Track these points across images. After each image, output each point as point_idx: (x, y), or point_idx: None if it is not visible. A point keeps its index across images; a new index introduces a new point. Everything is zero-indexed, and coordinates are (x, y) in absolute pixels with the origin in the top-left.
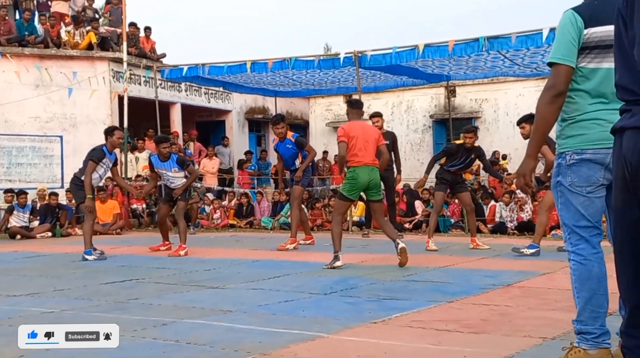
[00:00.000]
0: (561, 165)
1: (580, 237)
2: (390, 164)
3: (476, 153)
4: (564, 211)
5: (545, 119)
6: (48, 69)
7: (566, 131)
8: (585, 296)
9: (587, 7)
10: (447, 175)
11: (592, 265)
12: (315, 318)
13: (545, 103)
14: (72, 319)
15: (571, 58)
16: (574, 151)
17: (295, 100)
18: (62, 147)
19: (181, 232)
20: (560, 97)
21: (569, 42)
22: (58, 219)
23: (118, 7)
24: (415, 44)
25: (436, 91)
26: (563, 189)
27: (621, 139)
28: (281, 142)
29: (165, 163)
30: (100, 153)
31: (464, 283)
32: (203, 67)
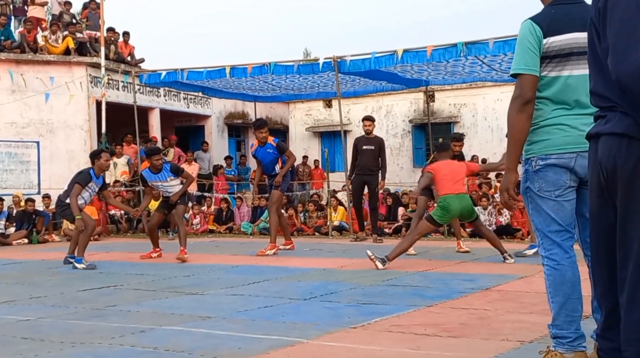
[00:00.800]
0: (528, 171)
1: (553, 242)
2: (375, 169)
3: (460, 160)
4: (535, 216)
5: (518, 128)
6: (24, 74)
7: (531, 137)
8: (559, 301)
9: (544, 16)
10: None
11: (565, 270)
12: (295, 324)
13: (515, 112)
14: (49, 327)
15: (534, 67)
16: (539, 157)
17: (275, 105)
18: (39, 153)
19: (182, 236)
20: (528, 104)
21: (530, 51)
22: (35, 226)
23: (96, 12)
24: (394, 49)
25: (415, 96)
26: (532, 195)
27: (596, 144)
28: (261, 147)
29: (159, 175)
30: (86, 176)
31: (443, 288)
32: (182, 72)
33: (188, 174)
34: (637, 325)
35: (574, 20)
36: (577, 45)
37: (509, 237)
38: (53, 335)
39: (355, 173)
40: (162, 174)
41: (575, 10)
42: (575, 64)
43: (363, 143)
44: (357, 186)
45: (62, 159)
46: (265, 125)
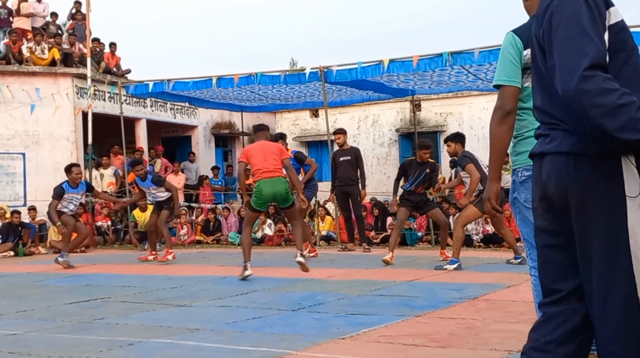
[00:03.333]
0: (515, 182)
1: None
2: (354, 179)
3: (431, 167)
4: (522, 227)
5: (499, 139)
6: (10, 86)
7: (516, 148)
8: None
9: (525, 28)
10: (410, 196)
11: None
12: (283, 336)
13: (496, 124)
14: (36, 341)
15: (516, 78)
16: (524, 168)
17: (262, 115)
18: (25, 165)
19: (166, 238)
20: (509, 116)
21: (512, 63)
22: (21, 238)
23: (82, 23)
24: (380, 59)
25: (402, 105)
26: (519, 205)
27: (541, 163)
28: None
29: (144, 182)
30: (59, 190)
31: (430, 297)
32: (168, 82)
33: (170, 184)
34: (609, 340)
35: None
36: None
37: (496, 245)
38: (40, 350)
39: (335, 185)
40: (146, 183)
41: None
42: None
43: (339, 155)
44: (340, 198)
45: (48, 170)
46: (280, 139)
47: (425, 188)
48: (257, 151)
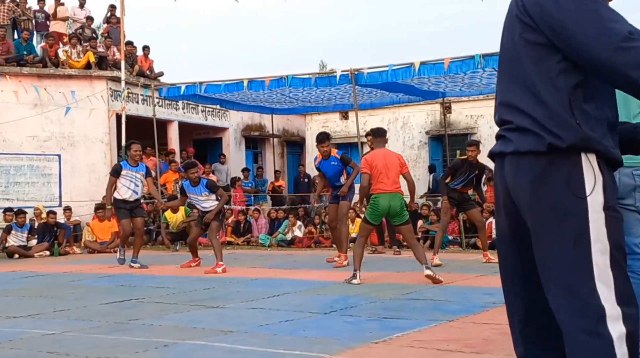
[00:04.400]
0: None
1: None
2: None
3: (480, 170)
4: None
5: None
6: (46, 89)
7: None
8: None
9: None
10: (454, 194)
11: None
12: (316, 339)
13: None
14: (74, 341)
15: None
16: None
17: (292, 117)
18: (60, 166)
19: (217, 250)
20: None
21: None
22: (56, 238)
23: (117, 26)
24: (411, 61)
25: (432, 107)
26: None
27: (502, 163)
28: (325, 160)
29: (196, 188)
30: (117, 167)
31: (463, 302)
32: (200, 85)
33: (222, 192)
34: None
35: None
36: None
37: None
38: (78, 350)
39: None
40: (198, 188)
41: None
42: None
43: None
44: None
45: (83, 171)
46: (326, 140)
47: (469, 189)
48: (379, 161)
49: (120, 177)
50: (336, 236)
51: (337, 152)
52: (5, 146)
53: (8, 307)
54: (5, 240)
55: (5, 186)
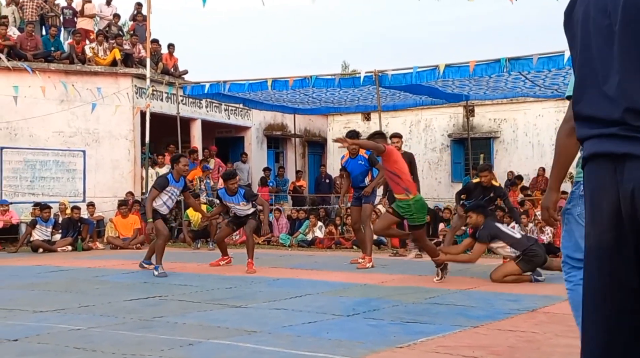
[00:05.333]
0: (574, 193)
1: (572, 266)
2: None
3: (495, 193)
4: (566, 239)
5: (566, 151)
6: (73, 85)
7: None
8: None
9: None
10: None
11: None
12: (340, 342)
13: (565, 135)
14: (100, 337)
15: None
16: None
17: (314, 117)
18: (85, 162)
19: (250, 249)
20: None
21: None
22: (80, 233)
23: (142, 24)
24: (436, 64)
25: (455, 110)
26: (570, 218)
27: (622, 166)
28: (352, 159)
29: (233, 197)
30: (163, 181)
31: (487, 308)
32: (224, 84)
33: (263, 200)
34: None
35: None
36: None
37: (551, 255)
38: (104, 346)
39: (389, 190)
40: (235, 197)
41: None
42: None
43: None
44: (392, 202)
45: (107, 167)
46: (356, 137)
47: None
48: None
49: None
50: (360, 238)
51: (365, 152)
52: (31, 141)
53: (34, 301)
54: (30, 234)
55: (31, 181)
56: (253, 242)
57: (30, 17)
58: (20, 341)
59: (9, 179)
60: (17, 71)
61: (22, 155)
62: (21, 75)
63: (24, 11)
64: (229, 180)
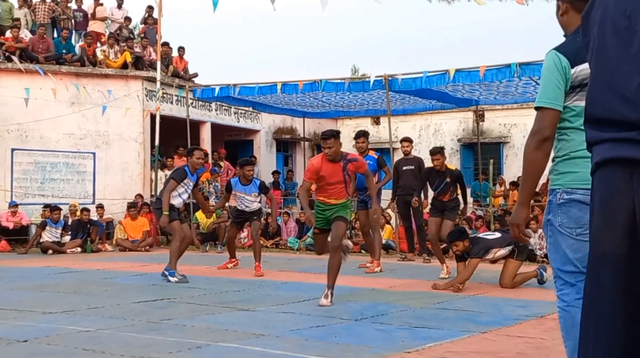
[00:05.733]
0: (552, 203)
1: (565, 282)
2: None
3: (452, 176)
4: (552, 253)
5: (534, 165)
6: (84, 87)
7: (558, 167)
8: (571, 345)
9: (570, 44)
10: (435, 203)
11: (575, 312)
12: (348, 346)
13: (533, 149)
14: (109, 339)
15: (557, 101)
16: (564, 190)
17: (323, 121)
18: (95, 164)
19: (256, 252)
20: (546, 142)
21: (555, 85)
22: (89, 235)
23: (153, 27)
24: (446, 68)
25: (464, 115)
26: (553, 229)
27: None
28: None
29: (247, 186)
30: (182, 173)
31: (495, 313)
32: (234, 87)
33: (272, 195)
34: None
35: None
36: None
37: None
38: (112, 348)
39: (397, 194)
40: (249, 187)
41: None
42: None
43: (403, 164)
44: (401, 207)
45: (116, 170)
46: (362, 136)
47: (450, 196)
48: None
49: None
50: (368, 242)
51: (375, 153)
52: (42, 143)
53: (43, 303)
54: (39, 235)
55: (41, 182)
56: (260, 245)
57: (42, 19)
58: (29, 342)
59: (20, 180)
60: (29, 73)
61: (32, 156)
62: (33, 77)
63: (36, 14)
64: (247, 166)
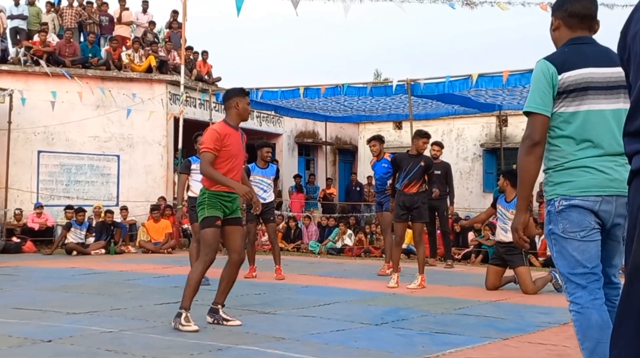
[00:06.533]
0: (551, 212)
1: (577, 285)
2: (442, 194)
3: (426, 162)
4: (560, 259)
5: (526, 169)
6: (109, 91)
7: (553, 178)
8: (589, 347)
9: (559, 54)
10: (401, 197)
11: (590, 313)
12: (368, 351)
13: (524, 154)
14: (131, 340)
15: (546, 107)
16: (562, 197)
17: (345, 125)
18: (119, 166)
19: (276, 255)
20: (537, 147)
21: (543, 91)
22: (113, 236)
23: (177, 31)
24: (469, 73)
25: (487, 120)
26: (556, 237)
27: None
28: (377, 162)
29: (265, 170)
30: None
31: (517, 320)
32: (257, 91)
33: (277, 183)
34: None
35: (587, 58)
36: (592, 80)
37: None
38: (135, 349)
39: None
40: (268, 170)
41: (588, 49)
42: (593, 99)
43: None
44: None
45: (140, 172)
46: (373, 139)
47: (419, 188)
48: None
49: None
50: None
51: (389, 156)
52: (68, 145)
53: (68, 303)
54: (64, 236)
55: (66, 184)
56: (279, 248)
57: (69, 24)
58: (53, 342)
59: (45, 182)
60: (56, 77)
61: (58, 159)
62: (59, 80)
63: (63, 18)
64: (265, 148)
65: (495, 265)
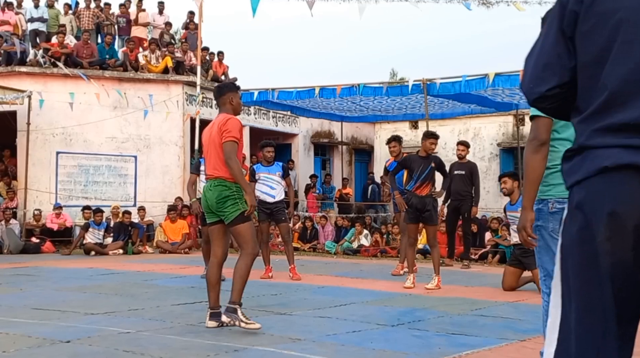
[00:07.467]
0: (543, 211)
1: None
2: (464, 194)
3: (436, 162)
4: (543, 254)
5: (533, 168)
6: (126, 92)
7: (549, 179)
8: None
9: None
10: (411, 198)
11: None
12: (384, 352)
13: (530, 153)
14: (148, 341)
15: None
16: (556, 200)
17: (361, 125)
18: (136, 167)
19: (289, 255)
20: (543, 146)
21: None
22: (130, 237)
23: (194, 32)
24: (486, 72)
25: (504, 119)
26: (544, 233)
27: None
28: (394, 162)
29: (269, 167)
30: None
31: (535, 321)
32: (273, 91)
33: (290, 181)
34: None
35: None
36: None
37: None
38: (152, 350)
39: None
40: (272, 168)
41: None
42: None
43: (455, 168)
44: (449, 211)
45: (157, 173)
46: (392, 141)
47: (430, 189)
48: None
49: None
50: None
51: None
52: (85, 146)
53: (86, 304)
54: (83, 237)
55: (84, 185)
56: (292, 248)
57: (86, 25)
58: (72, 342)
59: (64, 183)
60: (73, 78)
61: (76, 160)
62: (77, 82)
63: (80, 20)
64: (266, 147)
65: (513, 265)
